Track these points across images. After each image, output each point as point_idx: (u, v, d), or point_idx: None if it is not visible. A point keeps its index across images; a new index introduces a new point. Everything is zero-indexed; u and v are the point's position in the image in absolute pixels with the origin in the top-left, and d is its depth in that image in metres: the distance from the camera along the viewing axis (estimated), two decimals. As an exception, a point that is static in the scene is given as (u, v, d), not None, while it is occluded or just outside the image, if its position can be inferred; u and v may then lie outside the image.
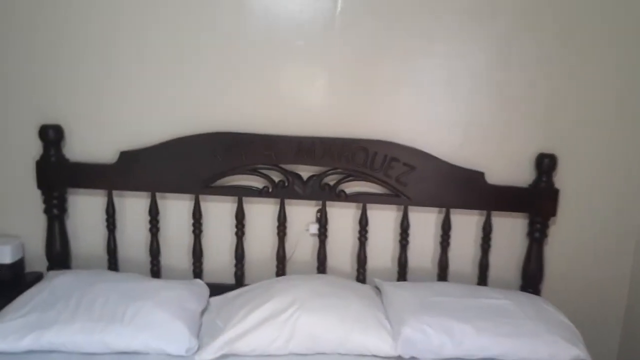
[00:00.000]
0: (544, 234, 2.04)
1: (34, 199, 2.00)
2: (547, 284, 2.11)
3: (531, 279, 2.07)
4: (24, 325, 1.56)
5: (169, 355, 1.59)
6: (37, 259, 2.05)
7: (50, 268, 2.00)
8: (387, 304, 1.82)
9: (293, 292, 1.75)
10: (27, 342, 1.53)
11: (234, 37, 1.96)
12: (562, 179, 2.04)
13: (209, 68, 1.98)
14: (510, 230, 2.09)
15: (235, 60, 1.98)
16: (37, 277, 1.97)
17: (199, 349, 1.62)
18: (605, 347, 2.18)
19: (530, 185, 2.02)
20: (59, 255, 2.00)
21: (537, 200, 2.00)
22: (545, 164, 1.99)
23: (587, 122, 2.03)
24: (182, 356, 1.59)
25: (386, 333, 1.66)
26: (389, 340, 1.64)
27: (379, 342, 1.64)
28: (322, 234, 2.05)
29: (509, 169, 2.04)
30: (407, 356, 1.64)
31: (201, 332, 1.72)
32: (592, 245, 2.12)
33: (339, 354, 1.64)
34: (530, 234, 2.05)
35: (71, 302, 1.64)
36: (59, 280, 1.78)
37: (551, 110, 2.02)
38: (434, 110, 2.03)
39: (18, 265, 1.99)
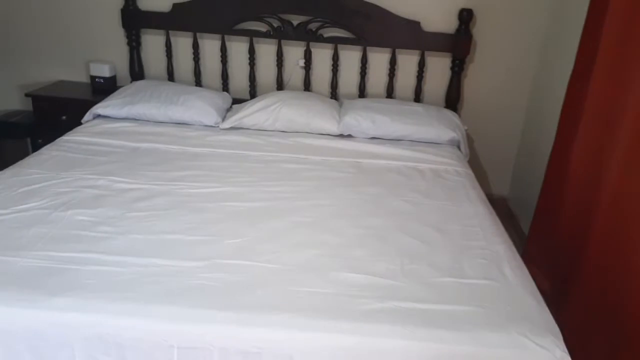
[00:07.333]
0: (461, 69, 2.90)
1: (121, 37, 3.06)
2: (464, 107, 3.02)
3: (451, 101, 2.97)
4: (122, 102, 2.68)
5: (205, 125, 2.68)
6: (123, 78, 3.15)
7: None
8: (342, 107, 2.81)
9: (280, 95, 2.78)
10: (124, 111, 2.66)
11: None
12: (480, 30, 2.85)
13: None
14: (439, 66, 2.96)
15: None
16: (124, 89, 3.09)
17: (222, 123, 2.71)
18: (505, 153, 3.14)
19: (454, 32, 2.85)
20: (137, 74, 3.09)
21: (457, 43, 2.84)
22: (464, 16, 2.79)
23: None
24: (212, 126, 2.69)
25: (335, 121, 2.67)
26: (336, 125, 2.65)
27: (330, 125, 2.65)
28: (307, 67, 3.00)
29: (440, 20, 2.86)
30: (345, 134, 2.65)
31: (225, 117, 2.79)
32: (500, 80, 2.98)
33: (306, 132, 2.67)
34: (452, 68, 2.91)
35: (147, 92, 2.75)
36: (139, 83, 2.90)
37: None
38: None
39: (112, 80, 3.11)
